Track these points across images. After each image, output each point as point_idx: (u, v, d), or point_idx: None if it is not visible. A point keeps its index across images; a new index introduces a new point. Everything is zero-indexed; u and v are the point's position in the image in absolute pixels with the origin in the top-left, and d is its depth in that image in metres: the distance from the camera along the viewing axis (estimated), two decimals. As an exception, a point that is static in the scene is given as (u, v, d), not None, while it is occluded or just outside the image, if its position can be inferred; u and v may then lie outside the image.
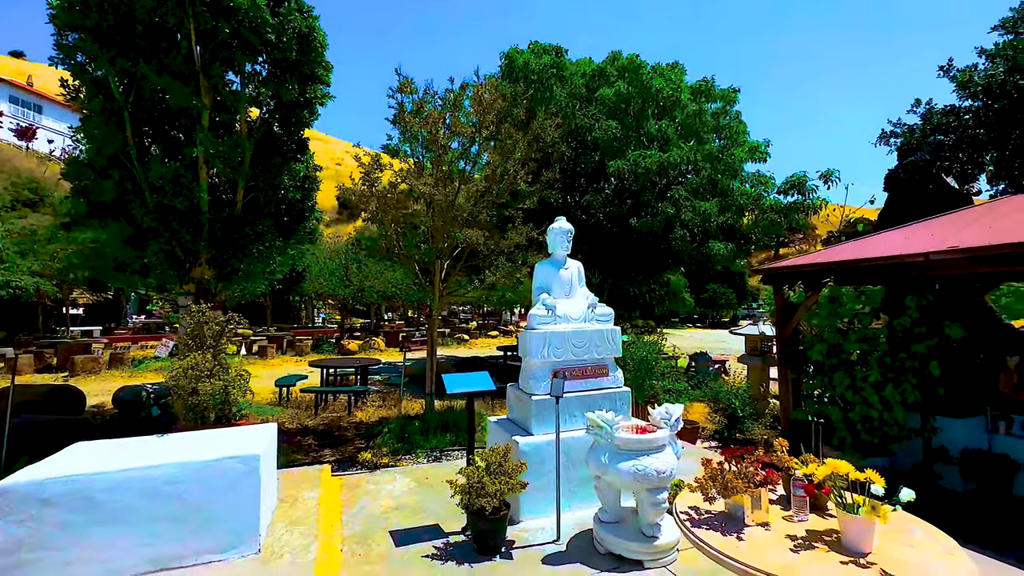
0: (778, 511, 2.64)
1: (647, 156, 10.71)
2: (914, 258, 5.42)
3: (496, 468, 4.02)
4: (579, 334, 4.78)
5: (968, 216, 6.15)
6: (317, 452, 6.75)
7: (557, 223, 5.21)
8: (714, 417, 8.40)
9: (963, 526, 5.05)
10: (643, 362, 6.45)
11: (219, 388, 4.48)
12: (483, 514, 3.74)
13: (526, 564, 3.68)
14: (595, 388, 4.86)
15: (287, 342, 18.93)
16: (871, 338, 6.02)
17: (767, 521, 2.51)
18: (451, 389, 4.31)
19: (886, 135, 11.08)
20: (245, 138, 6.30)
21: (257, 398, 10.30)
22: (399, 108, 7.19)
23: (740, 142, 13.15)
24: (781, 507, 2.66)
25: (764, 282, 7.72)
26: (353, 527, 4.35)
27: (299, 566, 3.37)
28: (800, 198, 11.63)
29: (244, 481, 3.52)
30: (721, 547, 2.26)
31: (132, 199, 5.64)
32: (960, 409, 6.16)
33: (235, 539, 3.49)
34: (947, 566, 2.08)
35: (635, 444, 3.71)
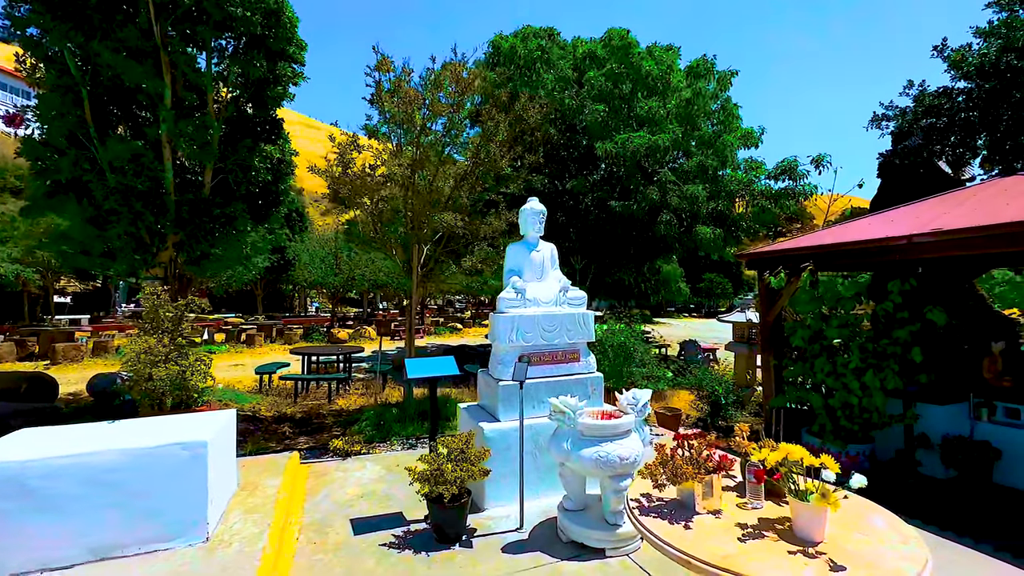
0: (733, 498, 2.52)
1: (634, 138, 10.49)
2: (896, 241, 5.28)
3: (458, 455, 3.90)
4: (549, 318, 4.64)
5: (954, 199, 6.00)
6: (292, 439, 6.64)
7: (529, 203, 5.04)
8: (698, 405, 8.31)
9: (943, 513, 4.98)
10: (622, 348, 6.33)
11: (175, 373, 4.33)
12: (441, 501, 3.63)
13: (485, 553, 3.57)
14: (566, 374, 4.74)
15: (276, 330, 18.79)
16: (853, 324, 5.89)
17: (719, 509, 2.39)
18: (412, 374, 4.18)
19: (878, 118, 10.84)
20: (213, 118, 6.08)
21: (239, 386, 10.19)
22: (377, 87, 6.97)
23: (733, 128, 12.92)
24: (737, 494, 2.54)
25: (748, 268, 7.58)
26: (314, 515, 4.25)
27: (246, 555, 3.25)
28: (791, 184, 11.44)
29: (190, 468, 3.39)
30: (665, 535, 2.14)
31: (92, 179, 5.44)
32: (942, 396, 6.06)
33: (181, 528, 3.37)
34: (898, 555, 1.96)
35: (599, 430, 3.59)
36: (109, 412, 6.88)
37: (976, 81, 8.60)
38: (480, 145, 7.48)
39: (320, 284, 18.85)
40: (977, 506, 5.15)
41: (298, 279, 19.63)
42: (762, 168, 12.22)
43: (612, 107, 11.91)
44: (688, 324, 35.99)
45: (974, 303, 7.26)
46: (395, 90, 6.71)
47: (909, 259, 5.69)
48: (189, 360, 4.54)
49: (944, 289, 6.92)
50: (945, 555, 3.44)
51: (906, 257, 5.43)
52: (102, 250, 5.92)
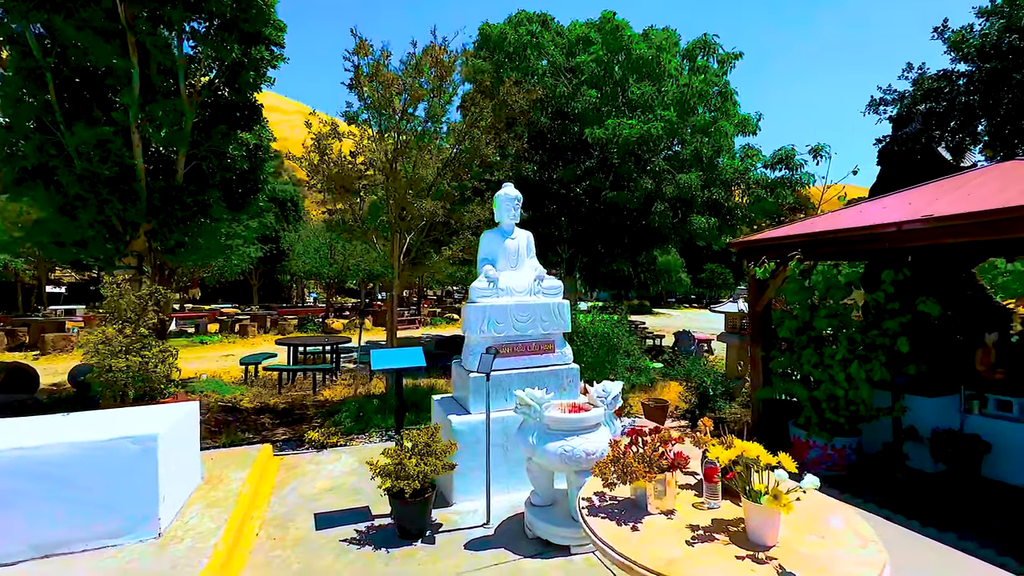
0: (691, 498, 2.39)
1: (624, 126, 10.25)
2: (885, 229, 5.10)
3: (423, 448, 3.79)
4: (522, 308, 4.49)
5: (950, 184, 5.79)
6: (270, 431, 6.55)
7: (504, 189, 4.87)
8: (687, 396, 8.18)
9: (929, 508, 4.86)
10: (605, 339, 6.19)
11: (137, 365, 4.22)
12: (403, 497, 3.51)
13: (447, 549, 3.47)
14: (540, 365, 4.60)
15: (271, 321, 18.73)
16: (843, 314, 5.72)
17: (673, 509, 2.26)
18: (377, 365, 4.05)
19: (876, 103, 10.55)
20: (185, 102, 5.91)
21: (226, 376, 10.12)
22: (355, 71, 6.77)
23: (730, 115, 12.63)
24: (696, 493, 2.41)
25: (738, 257, 7.40)
26: (278, 509, 4.16)
27: (196, 551, 3.15)
28: (787, 173, 11.20)
29: (139, 462, 3.28)
30: (609, 537, 2.01)
31: (58, 165, 5.29)
32: (932, 388, 5.91)
33: (131, 523, 3.27)
34: (855, 559, 1.82)
35: (565, 424, 3.46)
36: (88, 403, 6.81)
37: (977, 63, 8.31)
38: (463, 131, 7.29)
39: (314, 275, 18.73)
40: (964, 500, 5.03)
41: (292, 270, 19.53)
42: (759, 156, 11.97)
43: (604, 93, 11.64)
44: (688, 315, 35.81)
45: (973, 293, 7.08)
46: (374, 74, 6.51)
47: (899, 247, 5.51)
48: (152, 351, 4.42)
49: (940, 278, 6.74)
50: (921, 552, 3.32)
51: (896, 245, 5.25)
52: (75, 238, 5.79)
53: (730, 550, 1.91)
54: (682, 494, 2.44)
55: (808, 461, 5.82)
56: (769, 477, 1.95)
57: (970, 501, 5.00)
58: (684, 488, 2.51)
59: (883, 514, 4.75)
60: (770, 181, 11.43)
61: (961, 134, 8.73)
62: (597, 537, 2.04)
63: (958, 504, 4.96)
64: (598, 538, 2.03)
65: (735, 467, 2.10)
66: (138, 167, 5.72)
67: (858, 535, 2.01)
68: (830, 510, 2.25)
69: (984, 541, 4.22)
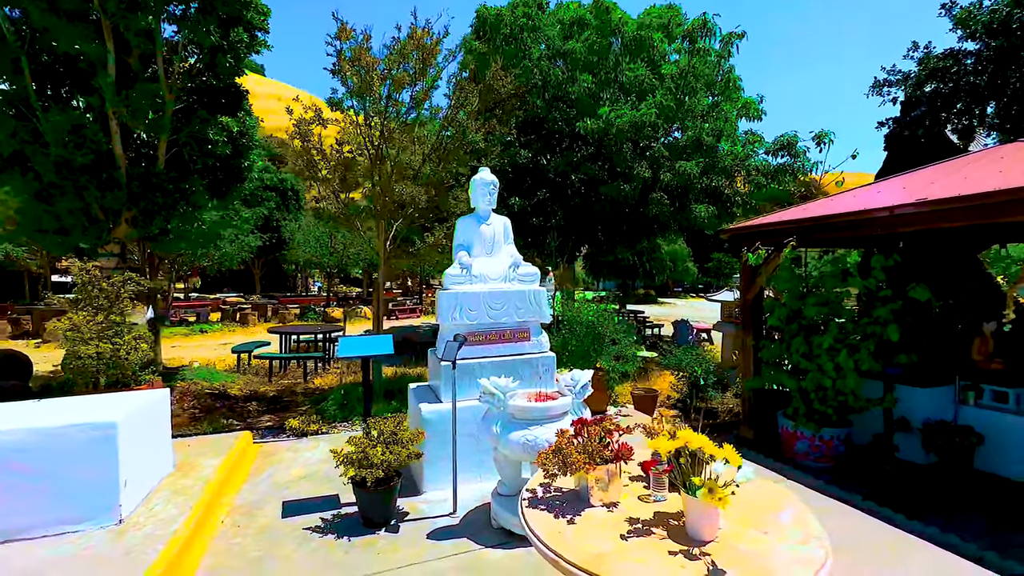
0: (640, 490, 2.30)
1: (620, 114, 10.01)
2: (877, 213, 4.92)
3: (389, 437, 3.74)
4: (496, 295, 4.40)
5: (950, 167, 5.57)
6: (255, 418, 6.57)
7: (480, 174, 4.76)
8: (678, 386, 8.07)
9: (916, 500, 4.75)
10: (591, 328, 6.08)
11: (107, 352, 4.20)
12: (365, 485, 3.47)
13: (409, 539, 3.42)
14: (515, 353, 4.52)
15: (272, 309, 18.84)
16: (833, 302, 5.56)
17: (617, 502, 2.18)
18: (343, 353, 3.99)
19: (879, 84, 10.17)
20: (164, 87, 5.83)
21: (221, 364, 10.18)
22: (338, 56, 6.64)
23: (733, 98, 12.30)
24: (645, 485, 2.33)
25: (731, 244, 7.23)
26: (249, 496, 4.15)
27: (154, 538, 3.14)
28: (789, 160, 10.91)
29: (99, 449, 3.26)
30: (542, 531, 1.93)
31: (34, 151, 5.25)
32: (926, 378, 5.75)
33: (92, 510, 3.27)
34: (793, 557, 1.73)
35: (530, 413, 3.39)
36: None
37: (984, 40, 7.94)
38: (449, 117, 7.16)
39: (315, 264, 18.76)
40: (954, 493, 4.90)
41: (292, 259, 19.58)
42: (761, 141, 11.66)
43: (600, 78, 11.38)
44: (693, 304, 35.49)
45: (977, 281, 6.87)
46: (356, 59, 6.38)
47: (892, 232, 5.32)
48: (125, 338, 4.40)
49: (940, 265, 6.54)
50: (892, 545, 3.22)
51: (889, 230, 5.07)
52: (55, 227, 5.79)
53: (665, 545, 1.83)
54: (631, 486, 2.36)
55: (796, 452, 5.71)
56: (706, 470, 1.86)
57: (960, 494, 4.88)
58: (636, 480, 2.43)
59: (867, 506, 4.64)
60: (772, 168, 11.14)
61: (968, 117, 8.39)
62: (530, 530, 1.97)
63: (947, 496, 4.84)
64: (531, 531, 1.96)
65: (679, 459, 2.00)
66: (116, 153, 5.67)
67: (803, 531, 1.91)
68: (783, 504, 2.15)
69: (967, 534, 4.11)
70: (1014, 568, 3.63)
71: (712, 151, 11.39)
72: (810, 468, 5.59)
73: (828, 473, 5.46)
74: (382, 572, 3.03)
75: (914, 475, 5.33)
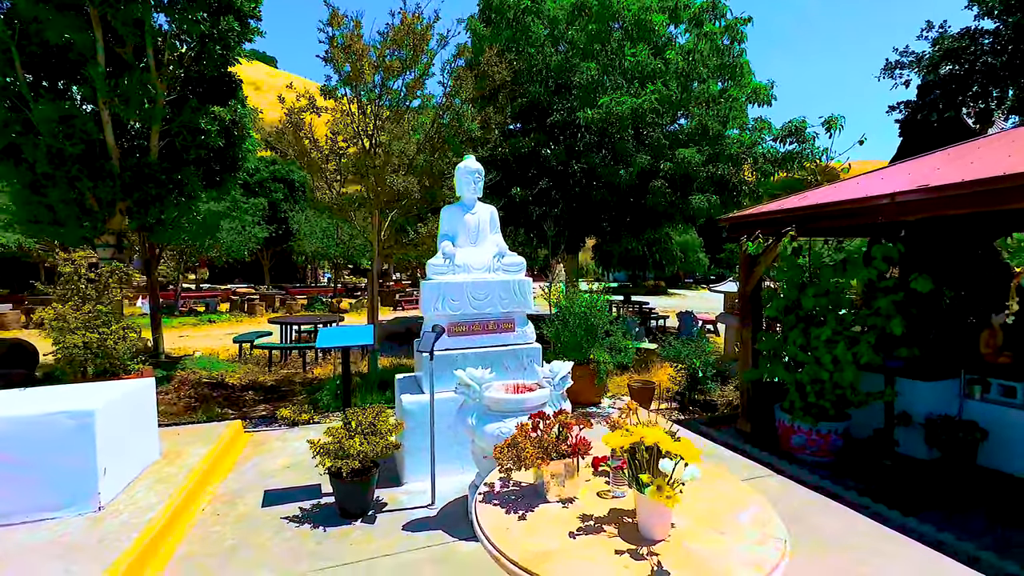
0: (602, 485, 2.24)
1: (621, 102, 9.79)
2: (879, 200, 4.72)
3: (368, 428, 3.71)
4: (480, 285, 4.33)
5: (955, 153, 5.34)
6: (251, 407, 6.62)
7: (464, 162, 4.67)
8: (677, 378, 7.95)
9: (914, 497, 4.61)
10: (583, 319, 5.99)
11: (94, 341, 4.23)
12: (341, 476, 3.46)
13: (384, 530, 3.41)
14: (499, 344, 4.46)
15: (280, 300, 19.03)
16: (833, 293, 5.38)
17: (574, 497, 2.11)
18: (322, 343, 3.97)
19: (891, 66, 9.75)
20: (155, 77, 5.82)
21: (224, 354, 10.30)
22: (330, 43, 6.57)
23: (743, 83, 11.96)
24: (606, 480, 2.26)
25: (729, 233, 7.05)
26: (233, 485, 4.17)
27: (130, 526, 3.16)
28: (797, 147, 10.59)
29: (77, 437, 3.29)
30: (489, 528, 1.88)
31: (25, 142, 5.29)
32: (929, 371, 5.56)
33: (71, 497, 3.30)
34: (745, 559, 1.65)
35: (505, 404, 3.33)
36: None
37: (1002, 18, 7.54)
38: (445, 105, 7.06)
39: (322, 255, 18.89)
40: (954, 489, 4.75)
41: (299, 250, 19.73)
42: (769, 128, 11.33)
43: (602, 64, 11.13)
44: (704, 296, 35.04)
45: (991, 271, 6.61)
46: (348, 46, 6.30)
47: (895, 220, 5.11)
48: (112, 328, 4.43)
49: (948, 254, 6.31)
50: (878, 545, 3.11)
51: (891, 218, 4.86)
52: (49, 217, 5.85)
53: (613, 543, 1.76)
54: (594, 481, 2.29)
55: (793, 446, 5.59)
56: (654, 467, 1.78)
57: (961, 490, 4.72)
58: (601, 475, 2.36)
59: (861, 502, 4.51)
60: (780, 155, 10.83)
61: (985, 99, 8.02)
62: (478, 525, 1.91)
63: (947, 493, 4.69)
64: (479, 527, 1.90)
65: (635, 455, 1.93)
66: (109, 144, 5.69)
67: (762, 531, 1.83)
68: (747, 503, 2.07)
69: (964, 533, 3.97)
70: (1008, 568, 3.50)
71: (718, 139, 11.11)
72: (807, 462, 5.46)
73: (825, 468, 5.33)
74: (353, 563, 3.01)
75: (914, 471, 5.17)
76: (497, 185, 11.58)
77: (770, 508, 2.01)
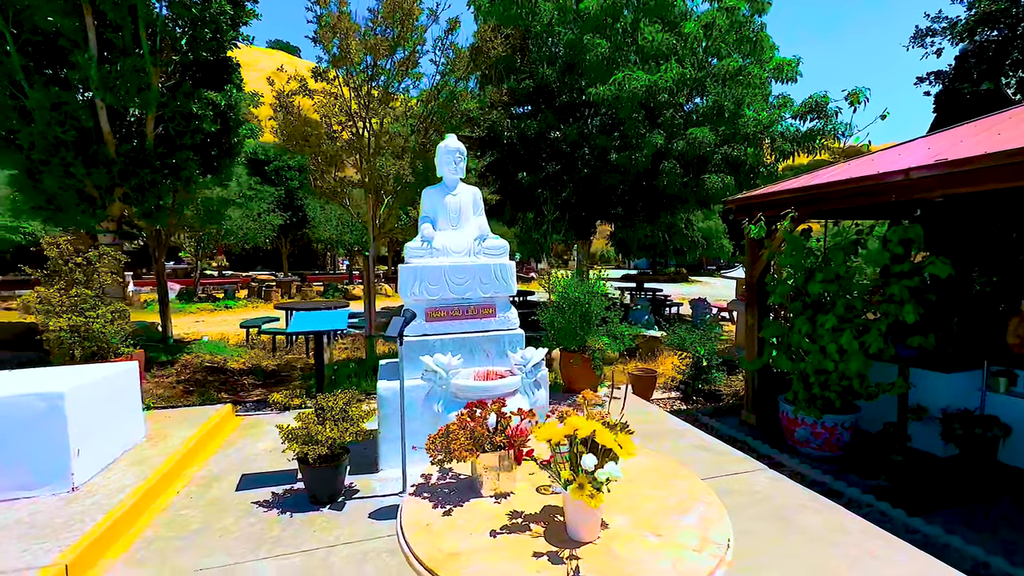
0: (545, 479, 2.09)
1: (633, 79, 9.39)
2: (892, 177, 4.36)
3: (339, 414, 3.65)
4: (459, 269, 4.19)
5: (981, 125, 4.89)
6: (248, 392, 6.69)
7: (444, 142, 4.50)
8: (681, 367, 7.70)
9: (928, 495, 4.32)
10: (577, 305, 5.79)
11: (79, 324, 4.28)
12: (307, 462, 3.40)
13: (350, 517, 3.35)
14: (480, 330, 4.32)
15: (296, 287, 19.33)
16: (843, 278, 5.04)
17: (510, 492, 1.97)
18: (294, 328, 3.91)
19: (922, 34, 8.97)
20: (149, 62, 5.81)
21: (234, 339, 10.50)
22: (318, 22, 6.45)
23: (764, 59, 11.32)
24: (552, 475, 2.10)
25: (735, 216, 6.71)
26: (214, 468, 4.19)
27: (99, 506, 3.18)
28: (819, 123, 10.00)
29: (48, 419, 3.32)
30: (409, 523, 1.76)
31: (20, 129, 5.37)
32: (949, 362, 5.19)
33: (45, 477, 3.35)
34: (672, 566, 1.49)
35: (471, 392, 3.20)
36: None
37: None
38: (440, 85, 6.87)
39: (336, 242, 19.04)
40: (971, 488, 4.43)
41: (314, 237, 19.95)
42: (790, 103, 10.71)
43: (614, 42, 10.68)
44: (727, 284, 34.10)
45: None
46: (334, 25, 6.16)
47: (911, 199, 4.73)
48: (99, 311, 4.48)
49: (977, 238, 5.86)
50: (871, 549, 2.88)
51: (906, 197, 4.49)
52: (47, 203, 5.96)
53: (535, 544, 1.62)
54: (538, 475, 2.14)
55: (797, 439, 5.32)
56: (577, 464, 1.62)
57: (977, 489, 4.40)
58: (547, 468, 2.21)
59: (864, 500, 4.26)
60: (801, 134, 10.26)
61: (1023, 71, 7.33)
62: (399, 520, 1.79)
63: (962, 492, 4.38)
64: (399, 523, 1.79)
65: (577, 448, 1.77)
66: (103, 130, 5.73)
67: (703, 535, 1.66)
68: (697, 502, 1.89)
69: (974, 535, 3.69)
70: (1020, 575, 3.22)
71: (734, 118, 10.58)
72: (812, 457, 5.20)
73: (831, 462, 5.06)
74: (311, 551, 2.96)
75: (928, 468, 4.86)
76: (503, 169, 11.36)
77: (722, 510, 1.83)
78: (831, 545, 2.89)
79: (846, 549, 2.87)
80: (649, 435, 4.84)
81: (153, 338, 8.83)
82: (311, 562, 2.87)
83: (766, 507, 3.33)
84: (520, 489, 2.01)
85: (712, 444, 4.60)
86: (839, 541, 2.94)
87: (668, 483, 2.06)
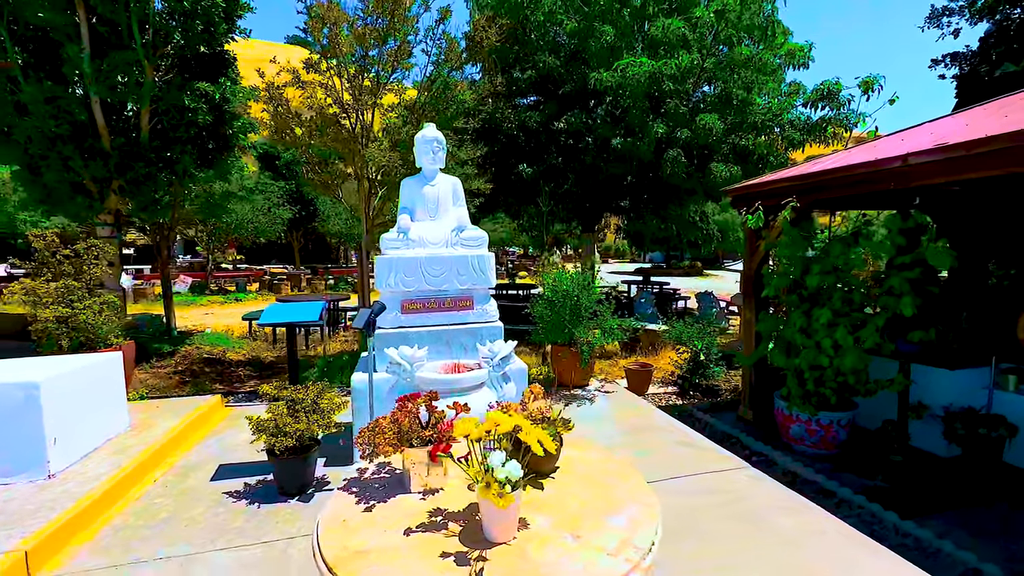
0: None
1: (636, 65, 9.16)
2: (889, 164, 4.14)
3: (310, 406, 3.64)
4: (435, 260, 4.13)
5: (991, 107, 4.61)
6: (242, 383, 6.77)
7: (422, 131, 4.43)
8: (678, 361, 7.53)
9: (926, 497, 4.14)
10: (567, 298, 5.68)
11: (67, 316, 4.35)
12: (274, 454, 3.40)
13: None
14: (457, 323, 4.26)
15: (306, 280, 19.55)
16: (841, 270, 4.83)
17: (439, 488, 1.91)
18: (266, 319, 3.90)
19: (938, 14, 8.47)
20: (142, 56, 5.86)
21: (238, 331, 10.65)
22: (308, 13, 6.41)
23: (775, 45, 10.94)
24: (489, 470, 2.03)
25: (733, 206, 6.50)
26: (194, 458, 4.23)
27: (71, 494, 3.23)
28: (831, 112, 9.62)
29: (24, 408, 3.37)
30: (324, 517, 1.72)
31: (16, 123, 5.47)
32: (953, 358, 4.95)
33: (21, 465, 3.41)
34: (584, 570, 1.41)
35: (436, 385, 3.14)
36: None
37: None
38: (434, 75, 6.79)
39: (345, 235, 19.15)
40: (970, 490, 4.23)
41: (323, 230, 20.11)
42: (801, 89, 10.33)
43: (620, 29, 10.43)
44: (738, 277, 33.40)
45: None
46: (324, 15, 6.12)
47: (910, 187, 4.48)
48: (87, 302, 4.55)
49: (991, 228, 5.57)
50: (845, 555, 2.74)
51: (905, 184, 4.26)
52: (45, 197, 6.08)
53: (445, 544, 1.55)
54: (475, 471, 2.07)
55: (791, 437, 5.16)
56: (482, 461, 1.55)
57: (979, 491, 4.20)
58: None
59: (855, 501, 4.09)
60: (808, 124, 9.89)
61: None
62: (318, 516, 1.75)
63: (961, 494, 4.18)
64: (318, 518, 1.74)
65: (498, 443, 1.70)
66: (98, 124, 5.81)
67: (624, 537, 1.57)
68: (634, 502, 1.80)
69: (969, 540, 3.51)
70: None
71: (743, 106, 10.25)
72: (806, 455, 5.03)
73: (825, 461, 4.88)
74: (271, 542, 2.96)
75: (928, 468, 4.65)
76: (504, 161, 11.24)
77: (654, 511, 1.74)
78: (802, 548, 2.77)
79: (819, 552, 2.75)
80: (634, 430, 4.74)
81: (158, 330, 9.00)
82: (271, 553, 2.87)
83: (740, 507, 3.21)
84: (452, 486, 1.95)
85: (697, 440, 4.48)
86: (812, 544, 2.81)
87: (607, 483, 1.97)
